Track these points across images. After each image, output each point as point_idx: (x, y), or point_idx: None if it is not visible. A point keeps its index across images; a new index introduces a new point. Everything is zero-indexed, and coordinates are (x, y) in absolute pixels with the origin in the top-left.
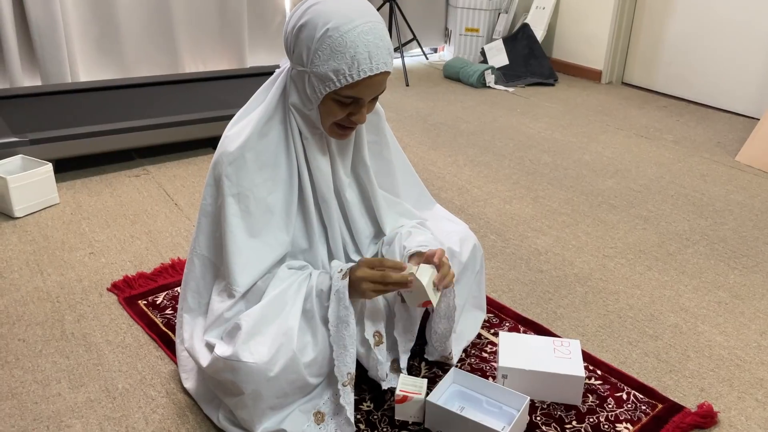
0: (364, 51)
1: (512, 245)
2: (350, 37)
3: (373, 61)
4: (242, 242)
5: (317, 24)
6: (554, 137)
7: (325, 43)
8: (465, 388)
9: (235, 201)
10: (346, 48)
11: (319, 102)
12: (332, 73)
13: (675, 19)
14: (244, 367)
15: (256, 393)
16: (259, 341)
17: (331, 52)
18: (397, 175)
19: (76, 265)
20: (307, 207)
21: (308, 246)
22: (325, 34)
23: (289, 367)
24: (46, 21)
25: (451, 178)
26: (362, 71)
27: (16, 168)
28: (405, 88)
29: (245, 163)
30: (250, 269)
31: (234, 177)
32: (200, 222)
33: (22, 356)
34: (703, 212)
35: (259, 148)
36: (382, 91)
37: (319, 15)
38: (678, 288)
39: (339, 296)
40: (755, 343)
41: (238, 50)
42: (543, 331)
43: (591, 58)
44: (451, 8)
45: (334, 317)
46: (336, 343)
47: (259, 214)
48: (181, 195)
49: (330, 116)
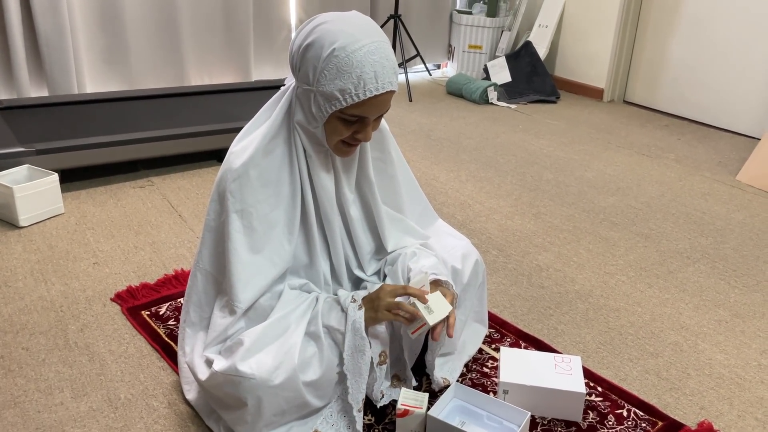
0: (370, 71)
1: (514, 261)
2: (356, 57)
3: (379, 81)
4: (245, 258)
5: (324, 44)
6: (556, 154)
7: (332, 63)
8: (466, 403)
9: (238, 217)
10: (352, 68)
11: (324, 120)
12: (338, 92)
13: (677, 38)
14: (243, 380)
15: (255, 407)
16: (260, 357)
17: (337, 71)
18: (401, 192)
19: (80, 275)
20: (310, 224)
21: (309, 261)
22: (331, 53)
23: (288, 382)
24: (55, 33)
25: (454, 194)
26: (368, 90)
27: (23, 178)
28: (408, 103)
29: (249, 179)
30: (252, 285)
31: (238, 193)
32: (204, 237)
33: (26, 365)
34: (704, 231)
35: (263, 165)
36: (387, 109)
37: (325, 35)
38: (679, 306)
39: (355, 327)
40: (755, 362)
41: (244, 63)
42: (544, 347)
43: (593, 76)
44: (454, 25)
45: (350, 347)
46: (351, 371)
47: (261, 230)
48: (185, 206)
49: (335, 134)
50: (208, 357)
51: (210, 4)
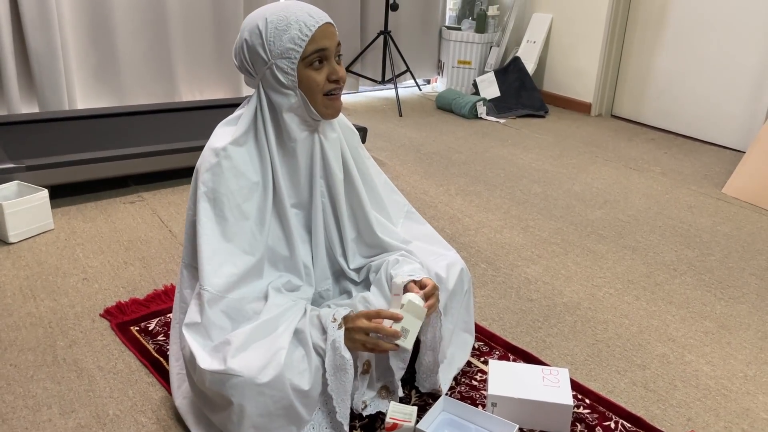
0: (302, 14)
1: (502, 274)
2: (284, 13)
3: (314, 17)
4: (215, 245)
5: (254, 26)
6: (544, 168)
7: (270, 30)
8: (455, 416)
9: (210, 206)
10: (287, 21)
11: (296, 80)
12: (290, 43)
13: (663, 54)
14: (231, 378)
15: (241, 406)
16: (248, 355)
17: (277, 31)
18: (378, 185)
19: (70, 291)
20: (283, 212)
21: (289, 254)
22: (265, 25)
23: (275, 381)
24: (46, 49)
25: (443, 207)
26: (311, 25)
27: (12, 194)
28: (398, 118)
29: (222, 170)
30: (223, 272)
31: (210, 183)
32: (187, 232)
33: (14, 381)
34: (691, 243)
35: (234, 156)
36: (338, 43)
37: (250, 21)
38: (665, 318)
39: (335, 346)
40: (741, 373)
41: (234, 79)
42: (532, 360)
43: (581, 90)
44: (444, 41)
45: (331, 366)
46: (335, 391)
47: (233, 220)
48: (175, 222)
49: (314, 89)
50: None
51: (201, 20)
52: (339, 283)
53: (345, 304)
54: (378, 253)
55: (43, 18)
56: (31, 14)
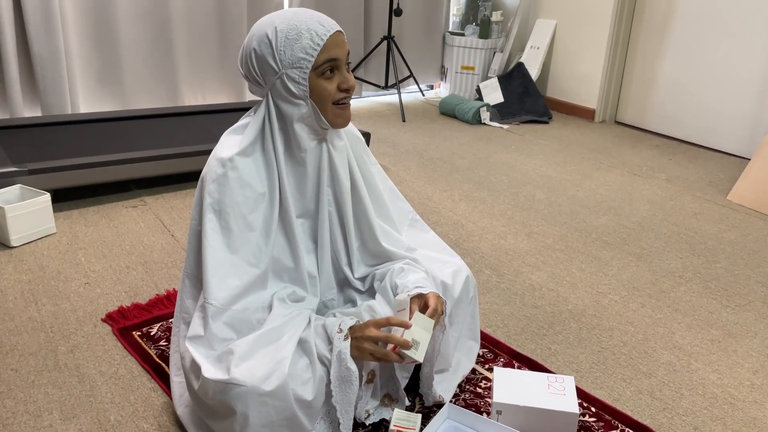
0: (312, 23)
1: (507, 280)
2: (293, 22)
3: (325, 25)
4: (220, 257)
5: (263, 34)
6: (548, 174)
7: (280, 39)
8: (459, 424)
9: (216, 217)
10: (298, 30)
11: (308, 89)
12: (301, 53)
13: (667, 60)
14: (234, 387)
15: (244, 416)
16: (252, 364)
17: (288, 40)
18: (383, 193)
19: (71, 296)
20: (289, 222)
21: (294, 265)
22: (274, 34)
23: (279, 391)
24: (49, 53)
25: (447, 213)
26: (323, 35)
27: (15, 197)
28: (402, 123)
29: (228, 181)
30: (228, 284)
31: (216, 194)
32: (190, 241)
33: (15, 386)
34: (696, 250)
35: (241, 167)
36: (348, 52)
37: (258, 30)
38: (671, 325)
39: (341, 357)
40: (748, 382)
41: (238, 84)
42: (537, 367)
43: (585, 97)
44: (447, 46)
45: (336, 377)
46: (340, 402)
47: (238, 231)
48: (177, 226)
49: (325, 99)
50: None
51: (204, 24)
52: (343, 292)
53: (350, 313)
54: (382, 262)
55: (47, 22)
56: (34, 18)
